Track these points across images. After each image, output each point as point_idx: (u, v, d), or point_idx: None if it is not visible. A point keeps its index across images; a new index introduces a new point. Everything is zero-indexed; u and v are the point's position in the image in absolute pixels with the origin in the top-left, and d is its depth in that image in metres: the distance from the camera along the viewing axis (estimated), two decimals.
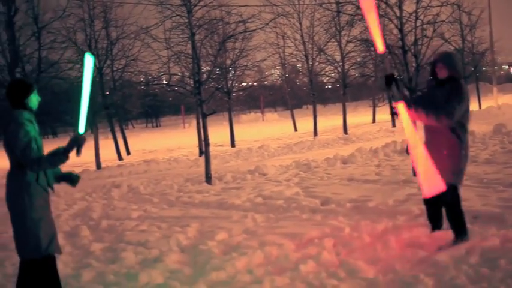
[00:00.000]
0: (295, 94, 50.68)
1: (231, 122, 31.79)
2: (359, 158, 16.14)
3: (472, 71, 36.82)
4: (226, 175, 14.91)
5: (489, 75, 55.56)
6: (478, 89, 40.13)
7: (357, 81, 36.20)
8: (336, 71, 32.89)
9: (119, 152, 28.85)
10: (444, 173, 6.20)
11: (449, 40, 25.28)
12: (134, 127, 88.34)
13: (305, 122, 41.77)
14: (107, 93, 28.64)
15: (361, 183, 11.91)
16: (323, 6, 28.30)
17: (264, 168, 15.25)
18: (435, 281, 5.28)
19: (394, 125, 32.66)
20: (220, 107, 33.56)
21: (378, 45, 5.88)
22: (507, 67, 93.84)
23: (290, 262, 6.38)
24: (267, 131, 41.96)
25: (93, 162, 24.27)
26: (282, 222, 8.78)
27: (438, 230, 6.77)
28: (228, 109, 33.15)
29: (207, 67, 24.61)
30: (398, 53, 14.30)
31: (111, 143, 30.30)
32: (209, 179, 14.41)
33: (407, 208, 8.65)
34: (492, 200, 8.60)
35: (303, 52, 33.20)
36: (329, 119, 50.71)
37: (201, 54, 16.45)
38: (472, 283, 5.18)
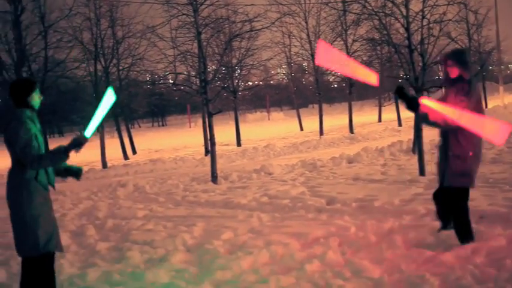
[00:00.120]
0: (301, 93, 50.66)
1: (237, 121, 31.80)
2: (365, 158, 16.13)
3: (479, 70, 36.68)
4: (232, 174, 14.91)
5: (495, 74, 55.45)
6: (485, 88, 40.01)
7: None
8: None
9: (125, 151, 28.90)
10: (450, 175, 6.23)
11: (455, 39, 25.19)
12: (140, 126, 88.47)
13: (311, 121, 41.76)
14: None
15: (367, 182, 11.90)
16: (329, 5, 28.22)
17: (270, 167, 15.25)
18: (441, 281, 5.27)
19: (400, 125, 32.63)
20: (226, 106, 33.56)
21: (372, 79, 5.86)
22: None
23: (295, 261, 6.38)
24: (273, 130, 41.96)
25: (99, 161, 24.34)
26: (288, 221, 8.78)
27: (447, 229, 6.61)
28: (234, 108, 33.14)
29: (213, 66, 24.64)
30: (404, 52, 14.25)
31: (117, 142, 30.34)
32: (215, 178, 14.41)
33: (413, 208, 8.64)
34: (498, 200, 8.58)
35: (309, 51, 33.17)
36: (335, 118, 50.70)
37: (207, 53, 16.44)
38: (478, 283, 5.17)
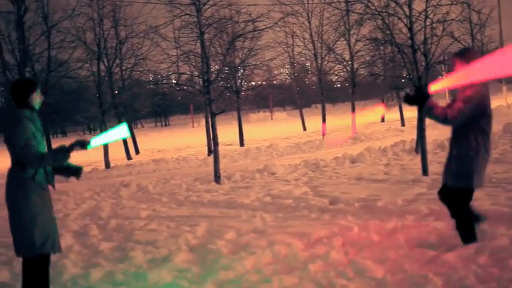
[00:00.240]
0: (304, 93, 50.66)
1: (240, 121, 31.81)
2: (368, 157, 16.12)
3: None
4: (235, 174, 14.91)
5: None
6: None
7: (366, 80, 36.17)
8: (345, 70, 32.84)
9: (128, 151, 28.94)
10: (450, 175, 6.22)
11: (458, 39, 25.15)
12: (143, 126, 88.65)
13: (314, 121, 41.76)
14: (116, 92, 28.76)
15: (369, 182, 11.88)
16: (332, 5, 28.22)
17: (273, 167, 15.25)
18: (444, 281, 5.26)
19: (403, 124, 32.62)
20: (229, 106, 33.57)
21: (435, 87, 5.86)
22: None
23: (299, 261, 6.38)
24: (276, 130, 41.98)
25: (102, 161, 24.37)
26: (291, 221, 8.77)
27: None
28: (237, 108, 33.15)
29: (216, 66, 24.62)
30: (407, 52, 14.24)
31: (120, 142, 30.33)
32: (218, 178, 14.41)
33: (416, 207, 8.62)
34: (501, 200, 8.56)
35: (312, 51, 33.18)
36: (338, 118, 50.67)
37: (210, 53, 16.46)
38: (481, 283, 5.15)
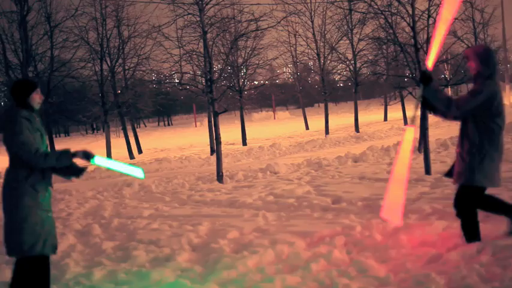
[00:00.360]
0: (306, 92, 50.57)
1: (243, 121, 31.83)
2: (370, 157, 16.11)
3: None
4: (237, 173, 14.91)
5: (501, 73, 55.22)
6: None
7: (369, 79, 36.17)
8: (348, 69, 32.86)
9: (131, 151, 28.97)
10: (455, 173, 6.24)
11: (461, 38, 25.13)
12: (146, 126, 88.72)
13: (316, 121, 41.77)
14: (119, 91, 28.78)
15: (372, 181, 11.87)
16: (335, 4, 28.28)
17: (276, 166, 15.24)
18: (447, 280, 5.25)
19: (406, 123, 32.57)
20: (231, 106, 33.62)
21: (430, 60, 5.87)
22: None
23: (301, 260, 6.37)
24: (279, 130, 41.99)
25: None
26: (293, 220, 8.77)
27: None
28: (240, 107, 33.17)
29: (219, 65, 24.71)
30: (410, 51, 14.25)
31: (122, 142, 30.42)
32: (220, 178, 14.41)
33: (419, 207, 8.62)
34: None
35: (315, 50, 33.18)
36: (341, 118, 50.67)
37: (213, 52, 16.43)
38: (484, 282, 5.15)
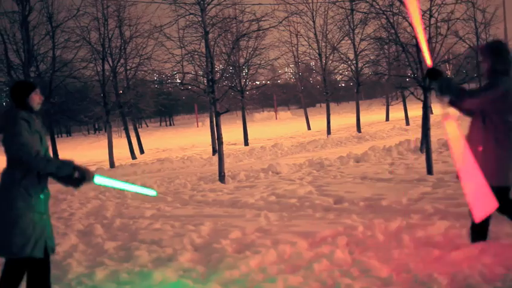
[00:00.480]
0: (308, 92, 50.59)
1: (245, 121, 31.84)
2: (372, 157, 16.09)
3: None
4: (239, 174, 14.91)
5: None
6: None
7: (371, 79, 36.15)
8: (350, 69, 32.85)
9: (133, 151, 28.99)
10: (486, 174, 5.71)
11: (463, 38, 25.11)
12: (148, 126, 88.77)
13: (318, 121, 41.75)
14: (121, 92, 28.79)
15: (374, 181, 11.86)
16: (337, 4, 28.26)
17: (278, 166, 15.24)
18: (449, 280, 5.24)
19: (408, 123, 32.60)
20: (233, 106, 33.59)
21: (426, 58, 5.80)
22: None
23: (303, 261, 6.36)
24: (280, 130, 41.99)
25: (106, 160, 24.42)
26: (295, 220, 8.76)
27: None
28: (242, 108, 33.19)
29: (221, 66, 24.67)
30: (412, 51, 14.23)
31: (124, 142, 30.43)
32: (222, 178, 14.41)
33: (421, 207, 8.60)
34: None
35: (317, 50, 33.16)
36: (342, 118, 50.66)
37: (215, 52, 16.45)
38: (486, 282, 5.14)
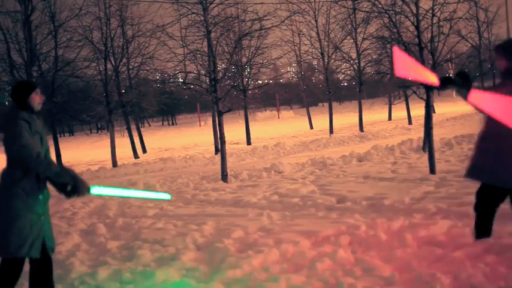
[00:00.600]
0: (311, 92, 50.59)
1: (247, 120, 31.82)
2: (375, 156, 16.08)
3: (489, 68, 36.62)
4: (242, 173, 14.90)
5: None
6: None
7: (373, 78, 36.13)
8: (352, 69, 32.84)
9: (135, 150, 29.00)
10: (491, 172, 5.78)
11: (466, 37, 25.09)
12: (150, 125, 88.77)
13: (321, 120, 41.73)
14: (123, 91, 28.81)
15: (377, 181, 11.85)
16: (339, 3, 28.20)
17: (280, 166, 15.23)
18: (452, 279, 5.23)
19: (410, 123, 32.56)
20: (236, 105, 33.65)
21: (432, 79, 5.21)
22: None
23: (306, 260, 6.36)
24: (283, 129, 41.97)
25: (109, 160, 24.44)
26: (298, 220, 8.76)
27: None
28: (244, 107, 33.18)
29: (223, 65, 24.71)
30: (414, 50, 14.22)
31: (127, 141, 30.44)
32: (225, 177, 14.41)
33: (423, 206, 8.59)
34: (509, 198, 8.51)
35: (319, 49, 33.20)
36: (345, 117, 50.63)
37: (217, 52, 16.46)
38: (489, 281, 5.14)
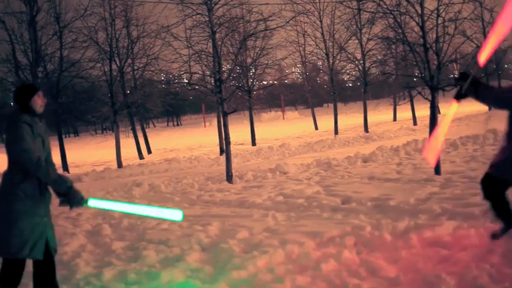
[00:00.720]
0: (315, 92, 50.53)
1: (252, 121, 31.84)
2: (380, 157, 16.07)
3: (494, 69, 36.61)
4: (247, 174, 14.91)
5: (511, 72, 54.96)
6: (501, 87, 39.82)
7: (378, 79, 36.10)
8: (357, 69, 32.82)
9: (140, 151, 29.04)
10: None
11: (471, 37, 25.04)
12: (155, 126, 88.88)
13: (326, 121, 41.71)
14: (128, 92, 28.85)
15: (382, 181, 11.84)
16: (344, 3, 28.23)
17: (285, 166, 15.23)
18: (457, 280, 5.23)
19: (415, 123, 32.52)
20: (240, 106, 33.62)
21: (482, 56, 5.62)
22: None
23: (311, 261, 6.36)
24: (288, 130, 41.97)
25: (114, 160, 24.47)
26: (303, 220, 8.76)
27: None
28: (249, 108, 33.20)
29: (228, 65, 24.68)
30: (419, 51, 14.19)
31: (132, 142, 30.51)
32: (230, 178, 14.42)
33: (428, 207, 8.58)
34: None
35: (324, 50, 33.18)
36: (350, 118, 50.60)
37: (222, 52, 16.47)
38: (494, 282, 5.13)
